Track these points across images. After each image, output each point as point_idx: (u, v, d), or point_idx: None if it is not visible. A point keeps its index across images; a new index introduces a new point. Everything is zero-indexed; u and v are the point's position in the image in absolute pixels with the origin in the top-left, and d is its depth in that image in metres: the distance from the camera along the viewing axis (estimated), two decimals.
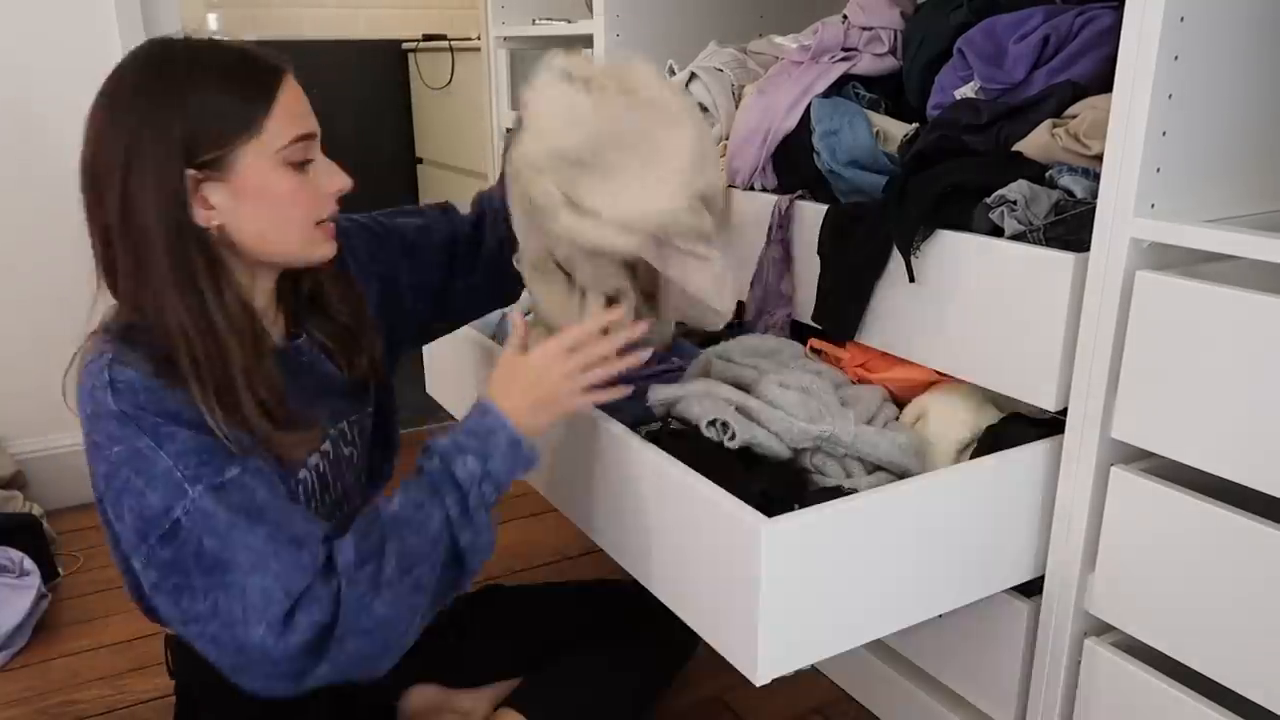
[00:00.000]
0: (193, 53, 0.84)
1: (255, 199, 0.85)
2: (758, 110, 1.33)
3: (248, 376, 0.85)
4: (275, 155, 0.84)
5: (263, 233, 0.87)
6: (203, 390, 0.82)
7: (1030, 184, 0.99)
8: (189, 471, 0.80)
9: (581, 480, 1.14)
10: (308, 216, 0.89)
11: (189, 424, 0.81)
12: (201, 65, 0.83)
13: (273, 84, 0.84)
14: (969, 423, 1.10)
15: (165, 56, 0.84)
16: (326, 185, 0.90)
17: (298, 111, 0.86)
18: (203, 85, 0.82)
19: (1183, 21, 0.84)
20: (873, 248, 1.13)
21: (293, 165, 0.86)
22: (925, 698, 1.23)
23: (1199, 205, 0.92)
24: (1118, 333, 0.92)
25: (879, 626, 0.96)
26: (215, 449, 0.82)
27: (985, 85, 1.13)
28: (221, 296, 0.84)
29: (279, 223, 0.87)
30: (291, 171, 0.86)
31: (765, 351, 1.20)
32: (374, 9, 3.46)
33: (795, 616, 0.88)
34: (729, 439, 1.02)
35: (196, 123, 0.81)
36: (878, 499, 0.91)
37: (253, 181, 0.84)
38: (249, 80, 0.84)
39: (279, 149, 0.84)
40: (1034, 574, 1.05)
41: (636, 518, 1.04)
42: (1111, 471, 0.95)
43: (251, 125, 0.83)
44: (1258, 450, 0.82)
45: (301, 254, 0.91)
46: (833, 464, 1.06)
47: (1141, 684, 0.95)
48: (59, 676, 1.44)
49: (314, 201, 0.89)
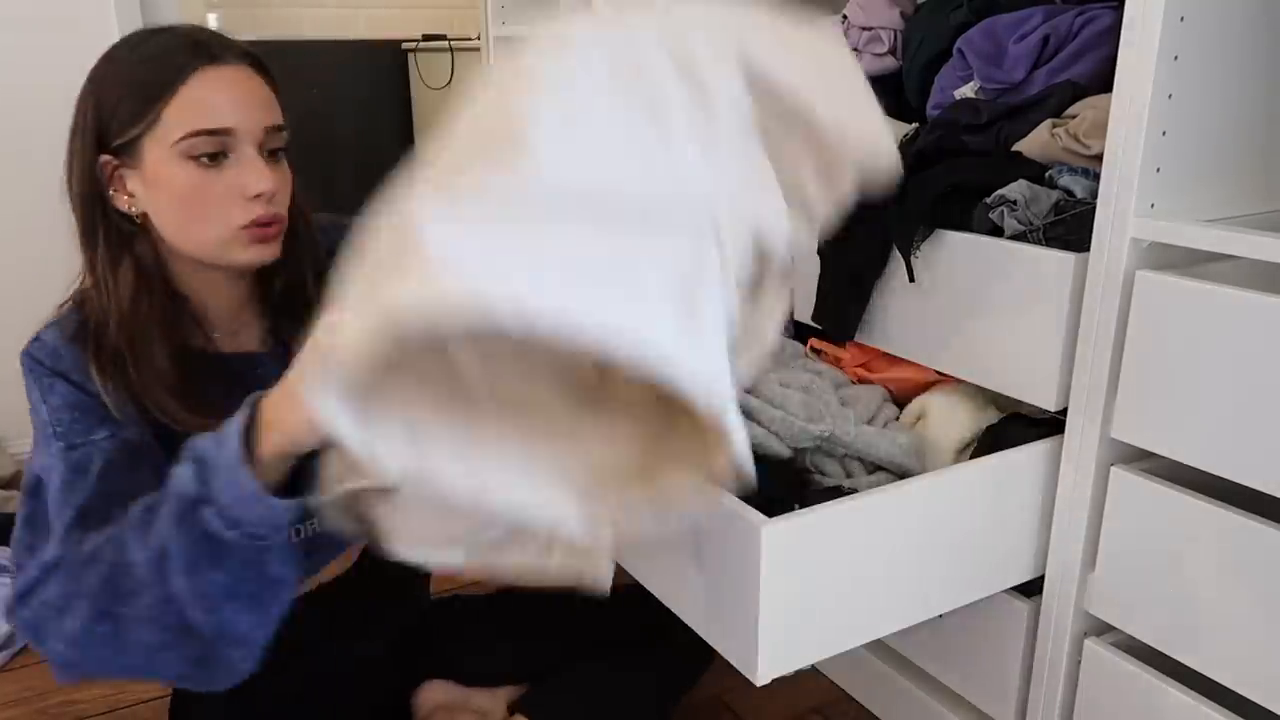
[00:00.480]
0: (132, 40, 0.85)
1: (158, 190, 0.83)
2: None
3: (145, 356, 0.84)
4: (172, 147, 0.82)
5: (172, 225, 0.85)
6: (97, 350, 0.83)
7: (1030, 184, 0.99)
8: (60, 428, 0.80)
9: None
10: (220, 217, 0.84)
11: (75, 382, 0.82)
12: (126, 52, 0.84)
13: (181, 74, 0.81)
14: (969, 423, 1.10)
15: (117, 43, 0.85)
16: (245, 186, 0.83)
17: (207, 105, 0.82)
18: (116, 72, 0.83)
19: (1183, 21, 0.84)
20: (873, 248, 1.13)
21: (194, 160, 0.82)
22: (925, 698, 1.23)
23: (1199, 205, 0.92)
24: (1118, 333, 0.92)
25: (879, 626, 0.96)
26: (90, 409, 0.81)
27: (985, 85, 1.13)
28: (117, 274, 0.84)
29: (185, 219, 0.84)
30: (193, 166, 0.82)
31: None
32: (374, 9, 3.46)
33: (795, 616, 0.88)
34: None
35: (105, 108, 0.82)
36: (878, 499, 0.91)
37: (154, 172, 0.83)
38: (157, 69, 0.82)
39: (174, 141, 0.81)
40: (1034, 574, 1.05)
41: None
42: (1111, 471, 0.95)
43: (147, 114, 0.81)
44: (1258, 450, 0.82)
45: (220, 255, 0.86)
46: (833, 464, 1.06)
47: (1141, 684, 0.95)
48: None
49: (224, 201, 0.83)
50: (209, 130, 0.82)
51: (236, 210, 0.84)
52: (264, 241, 0.87)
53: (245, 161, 0.84)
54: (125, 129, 0.82)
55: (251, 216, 0.85)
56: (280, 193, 0.87)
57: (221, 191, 0.83)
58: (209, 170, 0.82)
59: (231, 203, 0.84)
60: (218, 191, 0.83)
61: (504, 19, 2.14)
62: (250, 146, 0.84)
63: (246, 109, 0.83)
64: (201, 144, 0.82)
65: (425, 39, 3.11)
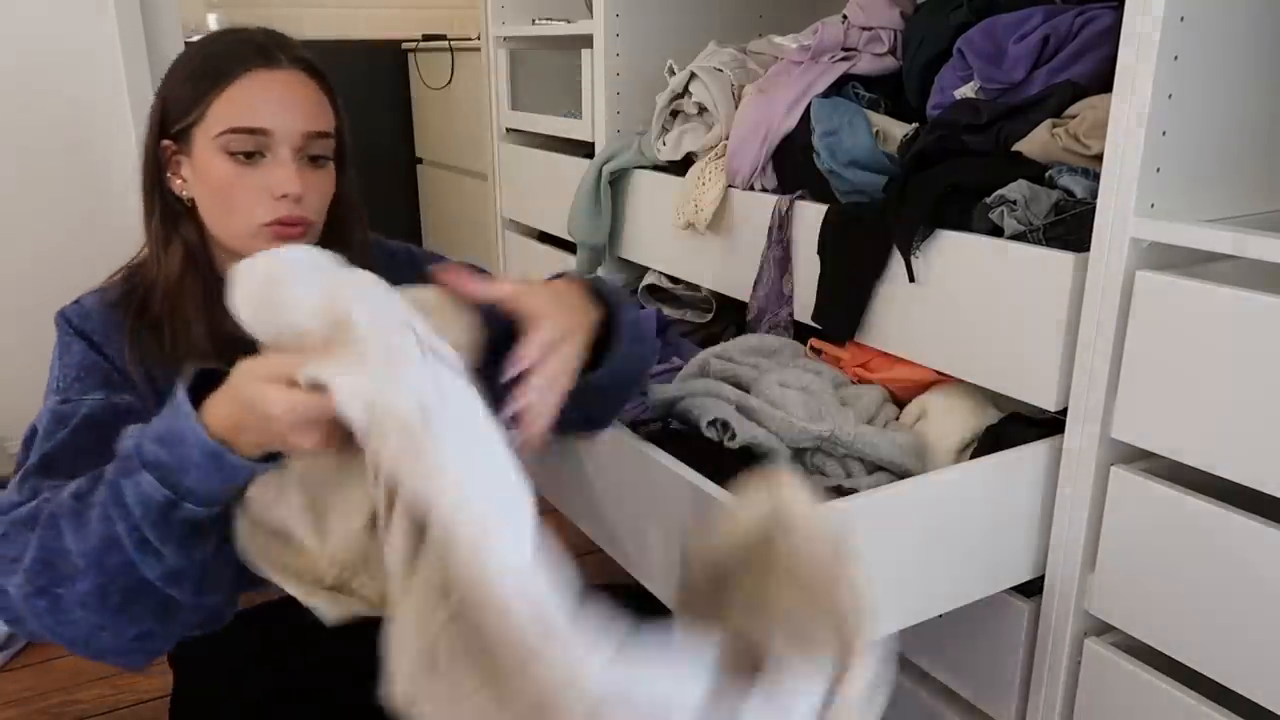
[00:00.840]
0: (210, 35, 0.92)
1: (201, 179, 0.88)
2: (758, 110, 1.33)
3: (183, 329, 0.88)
4: (214, 140, 0.86)
5: (207, 212, 0.90)
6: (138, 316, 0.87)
7: (1030, 184, 0.99)
8: (63, 383, 0.84)
9: (581, 480, 1.14)
10: (246, 212, 0.87)
11: (94, 344, 0.85)
12: (198, 46, 0.90)
13: (233, 73, 0.86)
14: (969, 423, 1.10)
15: (200, 38, 0.93)
16: (273, 186, 0.87)
17: (250, 105, 0.86)
18: (181, 65, 0.89)
19: (1183, 21, 0.84)
20: (873, 248, 1.13)
21: (231, 155, 0.86)
22: (925, 697, 1.23)
23: (1199, 205, 0.92)
24: (1118, 333, 0.92)
25: (882, 625, 0.96)
26: (97, 371, 0.84)
27: (985, 85, 1.13)
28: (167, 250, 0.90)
29: (217, 209, 0.88)
30: (230, 161, 0.86)
31: (766, 351, 1.20)
32: (374, 9, 3.46)
33: None
34: (729, 439, 1.02)
35: (170, 96, 0.89)
36: (880, 498, 0.91)
37: (199, 161, 0.88)
38: (215, 64, 0.87)
39: (215, 134, 0.86)
40: (1034, 574, 1.05)
41: (637, 518, 1.04)
42: (1111, 471, 0.95)
43: (198, 106, 0.86)
44: (1257, 450, 0.82)
45: (246, 247, 0.88)
46: (833, 464, 1.06)
47: (1141, 684, 0.95)
48: (59, 676, 1.44)
49: (252, 197, 0.87)
50: (246, 129, 0.86)
51: (262, 207, 0.87)
52: (285, 240, 0.89)
53: (277, 163, 0.87)
54: (181, 118, 0.88)
55: (276, 215, 0.87)
56: (310, 196, 0.89)
57: (251, 188, 0.87)
58: (243, 167, 0.86)
59: (258, 200, 0.87)
60: (247, 187, 0.87)
61: (504, 19, 2.14)
62: (286, 149, 0.87)
63: (289, 113, 0.87)
64: (238, 141, 0.86)
65: (425, 39, 3.11)
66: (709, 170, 1.40)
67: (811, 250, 1.22)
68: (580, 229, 1.69)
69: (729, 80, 1.44)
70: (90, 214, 1.92)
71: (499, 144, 2.16)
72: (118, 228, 1.96)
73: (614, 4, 1.67)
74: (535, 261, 2.13)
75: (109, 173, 1.93)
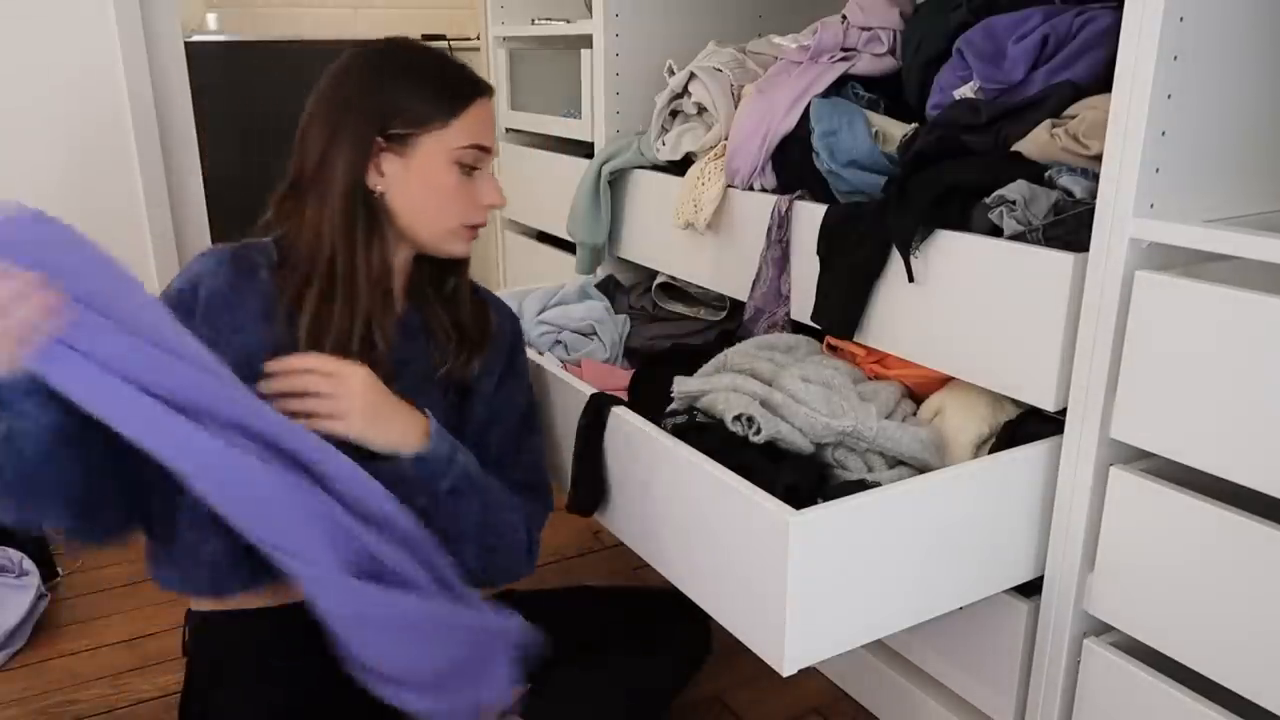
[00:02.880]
0: (416, 52, 1.04)
1: (421, 180, 1.00)
2: (757, 110, 1.33)
3: (366, 319, 0.98)
4: (450, 152, 1.00)
5: (416, 210, 1.01)
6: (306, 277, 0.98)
7: (1029, 184, 0.99)
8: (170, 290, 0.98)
9: (606, 474, 1.15)
10: (459, 214, 1.02)
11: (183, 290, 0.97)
12: (420, 61, 1.02)
13: (470, 95, 1.01)
14: (987, 418, 1.09)
15: (390, 51, 1.02)
16: (483, 196, 1.03)
17: (482, 127, 1.02)
18: (415, 75, 1.00)
19: (1183, 21, 0.84)
20: (872, 248, 1.13)
21: (460, 166, 1.01)
22: (925, 698, 1.24)
23: (1198, 205, 0.92)
24: (1117, 333, 0.92)
25: (897, 620, 0.97)
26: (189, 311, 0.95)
27: (984, 85, 1.13)
28: (370, 247, 0.99)
29: (433, 208, 1.01)
30: (456, 171, 1.01)
31: (783, 348, 1.20)
32: (374, 9, 3.46)
33: (819, 608, 0.89)
34: (754, 433, 1.03)
35: (399, 102, 0.98)
36: (880, 499, 0.92)
37: (425, 165, 0.99)
38: (454, 84, 1.01)
39: (455, 148, 1.00)
40: (1034, 574, 1.05)
41: (663, 511, 1.05)
42: (1111, 471, 0.95)
43: (440, 119, 0.99)
44: (1257, 450, 0.82)
45: (440, 243, 1.04)
46: (854, 458, 1.07)
47: (1141, 684, 0.95)
48: (59, 676, 1.44)
49: (468, 203, 1.02)
50: (482, 147, 1.02)
51: (473, 212, 1.04)
52: (472, 240, 1.07)
53: (488, 177, 1.05)
54: (411, 123, 0.98)
55: (478, 220, 1.05)
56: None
57: (468, 195, 1.03)
58: (464, 177, 1.02)
59: (471, 206, 1.03)
60: (465, 195, 1.02)
61: (504, 19, 2.14)
62: (489, 165, 1.05)
63: (494, 137, 1.05)
64: (471, 156, 1.01)
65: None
66: (708, 170, 1.40)
67: (810, 250, 1.22)
68: (580, 229, 1.69)
69: (728, 80, 1.44)
70: (90, 213, 1.91)
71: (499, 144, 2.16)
72: (118, 226, 1.96)
73: (614, 4, 1.67)
74: (535, 261, 2.13)
75: (109, 172, 1.93)
